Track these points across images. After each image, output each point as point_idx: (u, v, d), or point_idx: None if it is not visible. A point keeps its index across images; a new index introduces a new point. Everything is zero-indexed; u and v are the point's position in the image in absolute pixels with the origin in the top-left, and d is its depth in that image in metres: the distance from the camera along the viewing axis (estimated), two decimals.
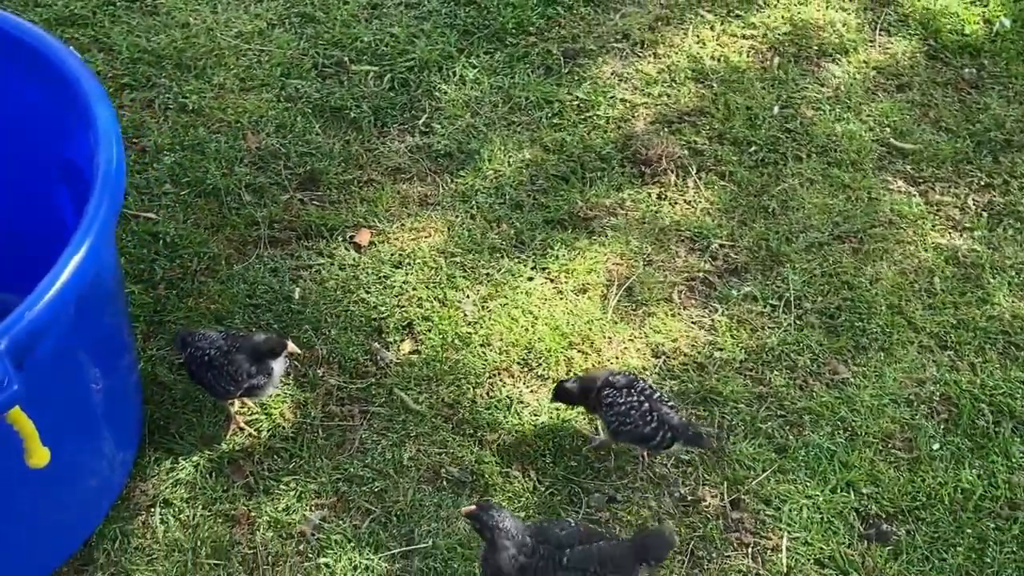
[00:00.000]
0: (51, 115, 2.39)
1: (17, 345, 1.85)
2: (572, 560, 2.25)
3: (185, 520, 2.56)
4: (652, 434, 2.52)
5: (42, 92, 2.37)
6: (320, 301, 2.97)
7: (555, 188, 3.24)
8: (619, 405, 2.53)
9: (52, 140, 2.44)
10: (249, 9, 3.71)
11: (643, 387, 2.57)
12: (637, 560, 2.29)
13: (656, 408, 2.53)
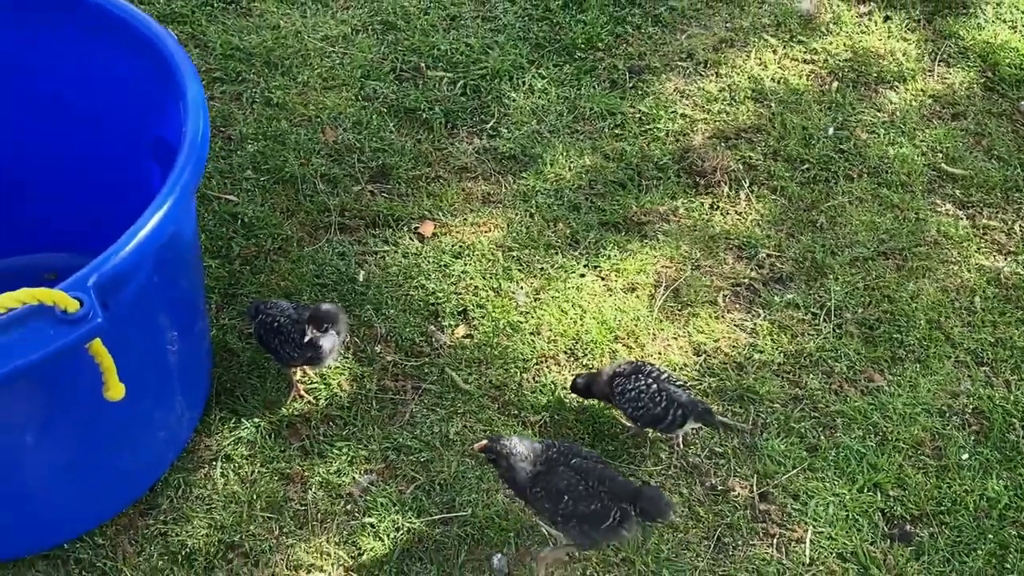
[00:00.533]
0: (147, 91, 2.61)
1: (102, 285, 2.04)
2: (576, 466, 2.44)
3: (244, 475, 2.74)
4: (663, 414, 2.65)
5: (140, 69, 2.59)
6: (382, 284, 3.15)
7: (612, 193, 3.40)
8: (629, 392, 2.68)
9: (147, 115, 2.66)
10: (336, 15, 3.95)
11: (650, 371, 2.71)
12: (630, 500, 2.43)
13: (664, 388, 2.67)
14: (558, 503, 2.44)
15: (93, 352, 2.07)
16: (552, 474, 2.45)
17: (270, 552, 2.61)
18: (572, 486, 2.44)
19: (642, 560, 2.59)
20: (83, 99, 2.78)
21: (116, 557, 2.57)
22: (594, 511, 2.43)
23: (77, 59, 2.71)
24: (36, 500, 2.51)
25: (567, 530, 2.49)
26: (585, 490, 2.44)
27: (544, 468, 2.46)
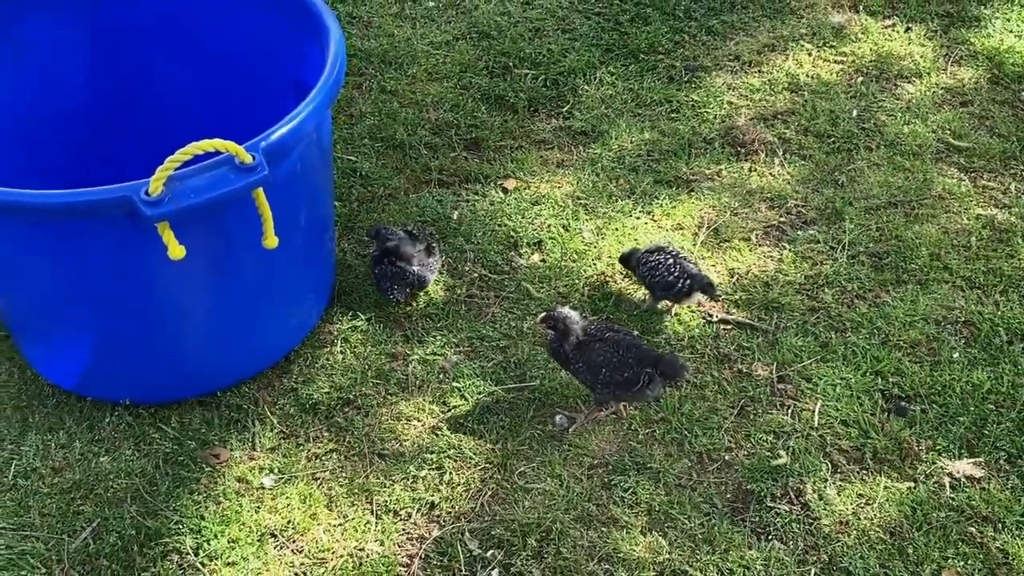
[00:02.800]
0: (297, 44, 3.35)
1: (267, 150, 2.68)
2: (610, 339, 3.05)
3: (358, 353, 3.40)
4: (675, 281, 3.30)
5: (290, 23, 3.31)
6: (472, 222, 3.83)
7: (665, 159, 4.06)
8: (651, 262, 3.36)
9: (294, 65, 3.39)
10: (440, 26, 4.74)
11: (670, 250, 3.38)
12: (653, 364, 3.03)
13: (679, 262, 3.32)
14: (597, 375, 3.06)
15: (257, 202, 2.76)
16: (590, 350, 3.06)
17: (377, 407, 3.24)
18: (608, 359, 3.05)
19: (677, 419, 3.16)
20: (241, 53, 3.52)
21: (258, 405, 3.23)
22: (627, 378, 3.04)
23: (236, 18, 3.47)
24: (203, 351, 3.16)
25: (603, 394, 3.10)
26: (618, 361, 3.04)
27: (585, 340, 3.07)
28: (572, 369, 3.12)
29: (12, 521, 2.90)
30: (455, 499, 2.98)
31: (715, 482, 3.02)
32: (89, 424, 3.14)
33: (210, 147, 2.64)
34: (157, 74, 3.60)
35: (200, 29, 3.53)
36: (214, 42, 3.54)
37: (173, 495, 2.97)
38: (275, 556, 2.85)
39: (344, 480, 3.03)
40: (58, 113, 3.48)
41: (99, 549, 2.84)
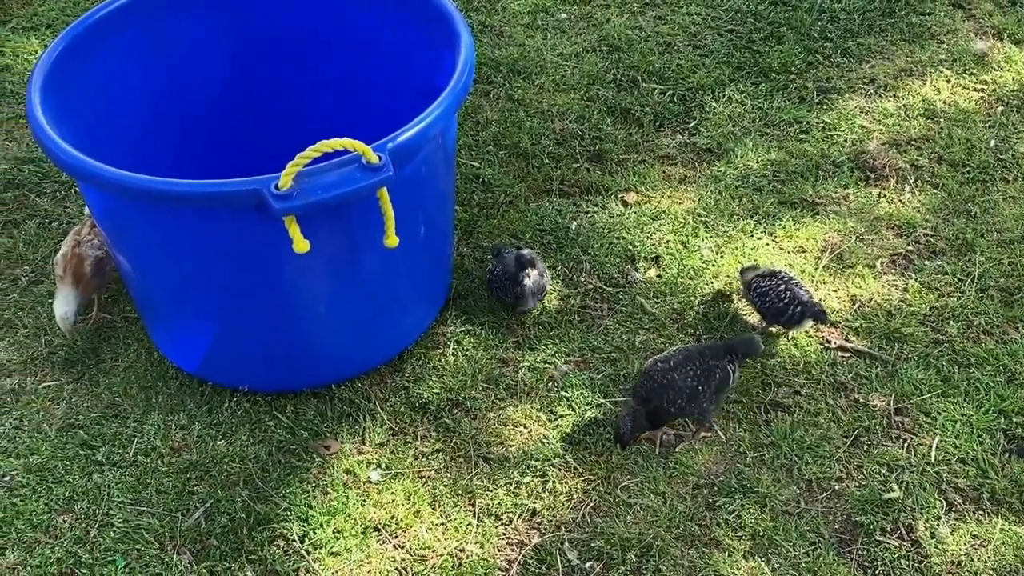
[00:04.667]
0: (431, 50, 3.40)
1: (394, 151, 2.74)
2: (681, 356, 3.08)
3: (469, 356, 3.44)
4: (785, 308, 3.26)
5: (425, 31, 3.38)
6: (590, 233, 3.83)
7: (791, 180, 3.99)
8: (762, 288, 3.32)
9: (425, 70, 3.45)
10: (571, 38, 4.76)
11: (783, 275, 3.33)
12: (726, 354, 3.09)
13: (791, 289, 3.28)
14: (698, 396, 3.05)
15: (381, 202, 2.82)
16: (673, 382, 3.04)
17: (485, 411, 3.27)
18: (695, 375, 3.04)
19: (787, 445, 3.11)
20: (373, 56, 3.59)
21: (370, 400, 3.29)
22: (720, 380, 3.07)
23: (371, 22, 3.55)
24: (321, 344, 3.23)
25: (709, 411, 3.09)
26: (703, 372, 3.05)
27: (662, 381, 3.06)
28: (676, 413, 3.09)
29: (131, 496, 3.02)
30: (557, 508, 2.99)
31: (823, 511, 2.95)
32: (208, 408, 3.25)
33: (339, 146, 2.71)
34: (289, 71, 3.70)
35: (335, 30, 3.62)
36: (348, 44, 3.62)
37: (283, 482, 3.05)
38: (377, 550, 2.89)
39: (448, 480, 3.07)
40: (193, 108, 3.61)
41: (210, 529, 2.93)
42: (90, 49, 3.18)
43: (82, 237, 3.42)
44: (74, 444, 3.15)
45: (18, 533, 2.95)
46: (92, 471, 3.08)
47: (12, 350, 3.45)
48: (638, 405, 3.04)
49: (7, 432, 3.20)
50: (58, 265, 3.35)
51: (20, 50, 4.80)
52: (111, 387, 3.32)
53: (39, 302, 3.60)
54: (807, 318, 3.30)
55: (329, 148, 2.71)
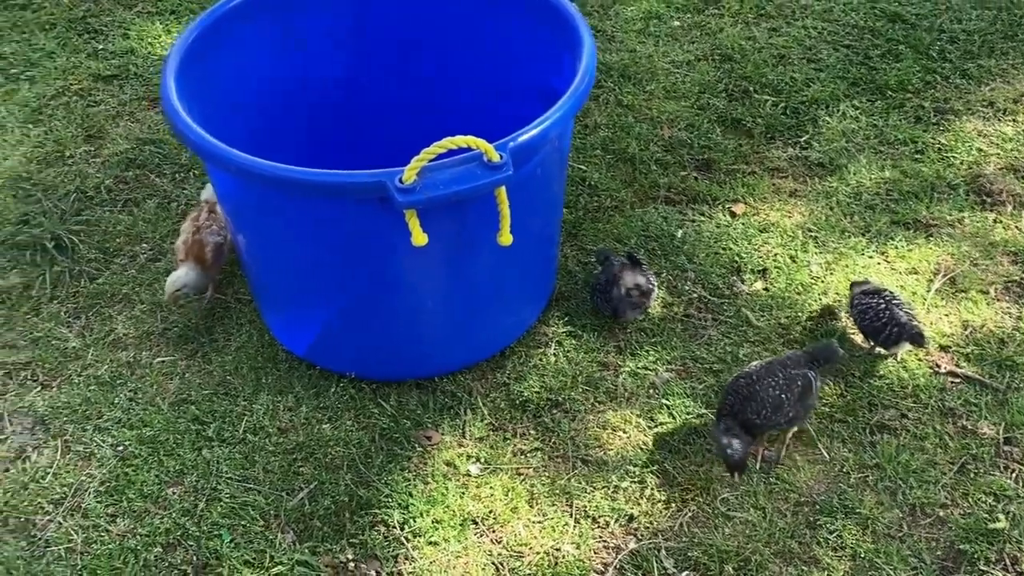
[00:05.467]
0: (551, 52, 3.43)
1: (514, 150, 2.78)
2: (763, 368, 3.06)
3: (570, 357, 3.45)
4: (882, 327, 3.24)
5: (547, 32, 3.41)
6: (696, 242, 3.82)
7: (905, 200, 3.93)
8: (862, 305, 3.30)
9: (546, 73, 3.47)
10: (683, 47, 4.75)
11: (887, 294, 3.29)
12: (807, 362, 3.08)
13: (890, 308, 3.24)
14: (782, 406, 3.03)
15: (498, 200, 2.84)
16: (761, 394, 3.01)
17: (584, 412, 3.28)
18: (779, 385, 3.02)
19: (892, 468, 3.06)
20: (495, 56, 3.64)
21: (471, 395, 3.33)
22: (802, 388, 3.04)
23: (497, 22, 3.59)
24: (429, 336, 3.27)
25: (800, 416, 3.08)
26: (786, 382, 3.03)
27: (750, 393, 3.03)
28: (763, 424, 3.05)
29: (239, 473, 3.10)
30: (654, 515, 2.99)
31: (926, 537, 2.91)
32: (316, 392, 3.32)
33: (463, 143, 2.74)
34: (410, 66, 3.75)
35: (458, 26, 3.66)
36: (469, 40, 3.66)
37: (385, 469, 3.10)
38: (475, 542, 2.93)
39: (546, 479, 3.09)
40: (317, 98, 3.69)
41: (313, 510, 3.00)
42: (223, 36, 3.27)
43: (201, 223, 3.51)
44: (186, 419, 3.24)
45: (129, 502, 3.04)
46: (202, 446, 3.17)
47: (129, 324, 3.56)
48: (731, 421, 3.01)
49: (122, 403, 3.31)
50: (179, 251, 3.45)
51: (145, 34, 4.95)
52: (223, 365, 3.40)
53: (156, 279, 3.71)
54: (903, 340, 3.25)
55: (453, 145, 2.74)
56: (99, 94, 4.60)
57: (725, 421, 3.02)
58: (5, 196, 4.07)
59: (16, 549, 2.94)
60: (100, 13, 5.08)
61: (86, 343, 3.51)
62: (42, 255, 3.81)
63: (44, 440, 3.23)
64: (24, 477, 3.12)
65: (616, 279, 3.44)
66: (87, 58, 4.81)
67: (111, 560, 2.90)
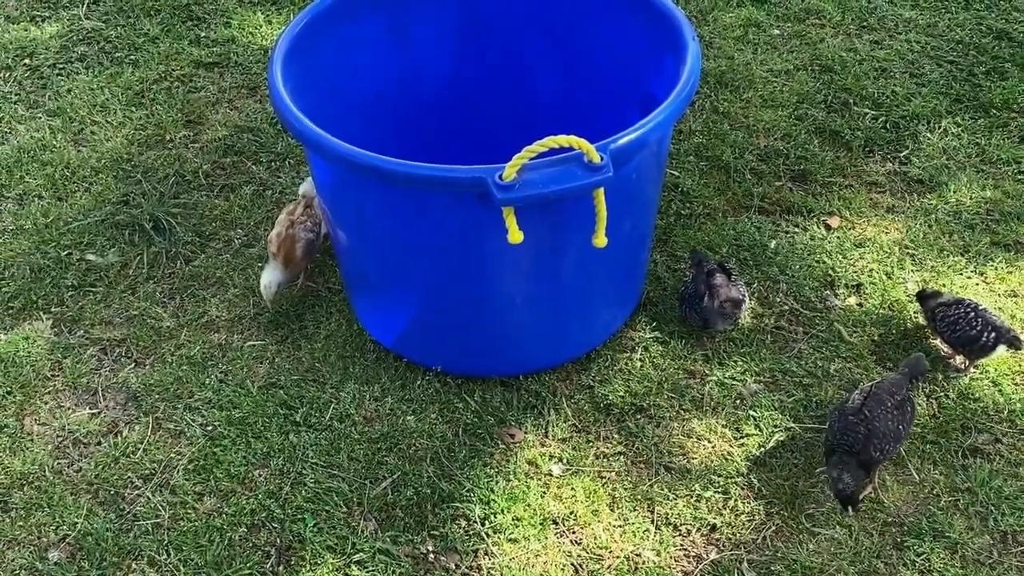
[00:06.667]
0: (653, 55, 3.40)
1: (614, 152, 2.77)
2: (870, 399, 2.98)
3: (656, 363, 3.43)
4: (978, 335, 3.16)
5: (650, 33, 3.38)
6: (789, 254, 3.77)
7: (1007, 221, 3.83)
8: (950, 316, 3.22)
9: (647, 75, 3.45)
10: (783, 56, 4.69)
11: (968, 302, 3.24)
12: (907, 382, 3.08)
13: (981, 315, 3.18)
14: (901, 435, 2.98)
15: (596, 201, 2.83)
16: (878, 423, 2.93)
17: (669, 420, 3.25)
18: (890, 413, 2.95)
19: (984, 493, 2.99)
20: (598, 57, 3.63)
21: (555, 395, 3.32)
22: (900, 400, 2.99)
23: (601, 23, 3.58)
24: (517, 335, 3.27)
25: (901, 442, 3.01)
26: (896, 407, 2.97)
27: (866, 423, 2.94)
28: (884, 458, 2.98)
29: (324, 459, 3.13)
30: (737, 526, 2.95)
31: (1017, 565, 2.83)
32: (402, 383, 3.34)
33: (565, 142, 2.74)
34: (515, 65, 3.76)
35: (564, 26, 3.65)
36: (574, 41, 3.65)
37: (468, 464, 3.11)
38: (554, 542, 2.92)
39: (628, 484, 3.07)
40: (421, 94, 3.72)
41: (396, 500, 3.02)
42: (330, 28, 3.31)
43: (295, 218, 3.54)
44: (274, 403, 3.29)
45: (216, 481, 3.09)
46: (289, 431, 3.21)
47: (222, 307, 3.63)
48: (847, 457, 2.90)
49: (212, 384, 3.37)
50: (272, 243, 3.49)
51: (245, 23, 5.04)
52: (312, 352, 3.45)
53: (249, 264, 3.77)
54: (1001, 343, 3.20)
55: (555, 144, 2.74)
56: (200, 80, 4.69)
57: (839, 457, 2.91)
58: (107, 176, 4.17)
59: (105, 522, 3.01)
60: (203, 1, 5.18)
61: (179, 323, 3.58)
62: (140, 235, 3.89)
63: (136, 416, 3.30)
64: (116, 452, 3.19)
65: (707, 290, 3.41)
66: (189, 44, 4.90)
67: (197, 537, 2.95)
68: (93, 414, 3.32)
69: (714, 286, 3.40)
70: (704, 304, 3.40)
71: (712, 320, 3.43)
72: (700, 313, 3.42)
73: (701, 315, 3.43)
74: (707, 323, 3.45)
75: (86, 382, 3.41)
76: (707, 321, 3.44)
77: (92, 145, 4.34)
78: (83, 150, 4.32)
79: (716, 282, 3.41)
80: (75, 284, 3.73)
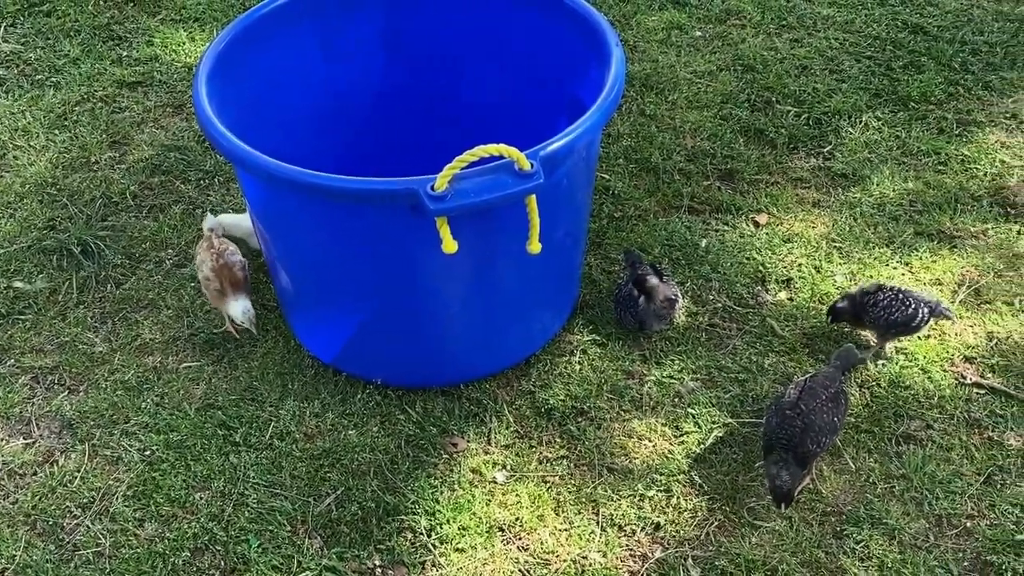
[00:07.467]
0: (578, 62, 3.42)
1: (544, 159, 2.78)
2: (805, 393, 3.03)
3: (595, 366, 3.46)
4: (914, 314, 3.25)
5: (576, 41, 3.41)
6: (720, 252, 3.82)
7: (929, 211, 3.93)
8: (881, 302, 3.28)
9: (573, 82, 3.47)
10: (705, 56, 4.76)
11: (891, 286, 3.32)
12: (840, 374, 3.14)
13: (907, 294, 3.27)
14: (837, 428, 3.04)
15: (528, 208, 2.85)
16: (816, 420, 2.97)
17: (610, 421, 3.28)
18: (825, 407, 3.00)
19: (919, 479, 3.06)
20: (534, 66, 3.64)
21: (497, 402, 3.33)
22: (834, 393, 3.04)
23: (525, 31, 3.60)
24: (455, 344, 3.28)
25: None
26: (831, 400, 3.02)
27: (807, 419, 2.99)
28: (821, 450, 3.03)
29: (265, 479, 3.11)
30: (681, 523, 2.99)
31: (953, 548, 2.90)
32: (342, 398, 3.33)
33: (495, 151, 2.75)
34: (441, 75, 3.77)
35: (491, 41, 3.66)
36: (503, 54, 3.67)
37: (412, 476, 3.11)
38: (501, 550, 2.93)
39: (572, 487, 3.09)
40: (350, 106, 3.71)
41: (340, 516, 3.00)
42: (256, 42, 3.29)
43: (217, 250, 3.48)
44: (212, 424, 3.25)
45: (156, 506, 3.06)
46: (229, 451, 3.18)
47: (156, 330, 3.58)
48: (784, 454, 2.95)
49: (149, 408, 3.32)
50: (211, 283, 3.42)
51: (168, 41, 4.98)
52: (249, 371, 3.42)
53: (182, 285, 3.72)
54: (933, 316, 3.34)
55: (485, 153, 2.76)
56: (124, 100, 4.63)
57: (778, 454, 2.95)
58: (32, 201, 4.10)
59: (45, 553, 2.96)
60: (124, 20, 5.12)
61: (113, 348, 3.53)
62: (69, 260, 3.83)
63: (72, 444, 3.25)
64: (52, 481, 3.14)
65: (641, 293, 3.44)
66: (111, 65, 4.84)
67: (139, 564, 2.92)
68: (27, 444, 3.25)
69: (651, 288, 3.44)
70: (640, 307, 3.44)
71: (648, 322, 3.47)
72: (635, 315, 3.46)
73: (636, 317, 3.47)
74: (643, 325, 3.49)
75: (19, 411, 3.35)
76: (643, 323, 3.48)
77: (15, 170, 4.26)
78: (6, 175, 4.24)
79: (651, 284, 3.45)
80: (3, 312, 3.66)
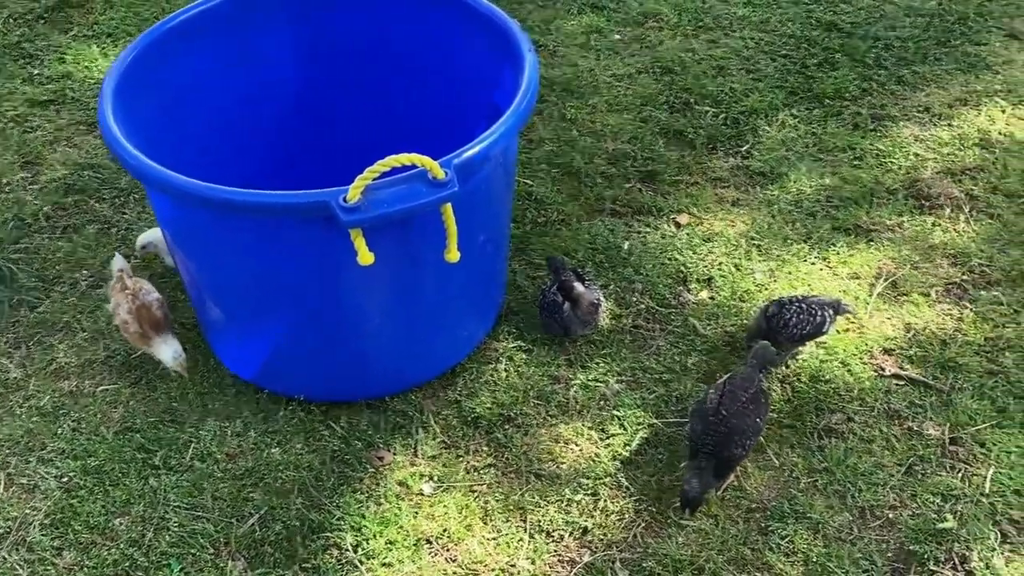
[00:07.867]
0: (493, 68, 3.43)
1: (459, 167, 2.77)
2: (725, 397, 3.03)
3: (521, 372, 3.45)
4: (822, 321, 3.28)
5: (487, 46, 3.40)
6: (643, 253, 3.84)
7: (845, 206, 3.98)
8: (789, 318, 3.26)
9: (488, 88, 3.47)
10: (624, 60, 4.79)
11: (791, 298, 3.33)
12: (758, 373, 3.14)
13: (810, 302, 3.30)
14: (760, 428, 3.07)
15: (444, 216, 2.84)
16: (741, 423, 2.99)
17: (537, 427, 3.28)
18: (748, 408, 3.02)
19: (841, 472, 3.09)
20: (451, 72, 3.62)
21: (423, 413, 3.31)
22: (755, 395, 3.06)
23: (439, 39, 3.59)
24: (378, 356, 3.24)
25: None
26: (751, 400, 3.04)
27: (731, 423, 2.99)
28: (746, 453, 3.05)
29: (187, 501, 3.05)
30: (608, 527, 2.99)
31: (876, 539, 2.94)
32: (264, 416, 3.28)
33: (407, 160, 2.73)
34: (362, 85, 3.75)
35: (408, 49, 3.65)
36: (419, 61, 3.66)
37: (337, 491, 3.07)
38: (429, 562, 2.91)
39: (500, 495, 3.08)
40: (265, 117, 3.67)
41: (264, 536, 2.96)
42: (164, 56, 3.23)
43: (132, 290, 3.39)
44: (131, 448, 3.19)
45: (75, 534, 2.98)
46: (148, 475, 3.12)
47: (71, 353, 3.50)
48: (706, 460, 2.96)
49: (65, 434, 3.25)
50: (130, 326, 3.33)
51: (80, 58, 4.89)
52: (168, 392, 3.36)
53: (97, 306, 3.65)
54: (838, 315, 3.40)
55: (397, 163, 2.73)
56: (35, 119, 4.53)
57: (701, 459, 2.96)
58: None
59: None
60: (35, 37, 5.01)
61: (27, 373, 3.45)
62: None
63: None
64: None
65: (566, 299, 3.44)
66: (22, 83, 4.73)
67: None
68: None
69: (577, 296, 3.43)
70: (565, 313, 3.43)
71: (572, 327, 3.48)
72: (560, 321, 3.46)
73: (561, 323, 3.46)
74: (567, 330, 3.49)
75: None
76: (567, 328, 3.48)
77: None
78: None
79: (577, 292, 3.44)
80: None
